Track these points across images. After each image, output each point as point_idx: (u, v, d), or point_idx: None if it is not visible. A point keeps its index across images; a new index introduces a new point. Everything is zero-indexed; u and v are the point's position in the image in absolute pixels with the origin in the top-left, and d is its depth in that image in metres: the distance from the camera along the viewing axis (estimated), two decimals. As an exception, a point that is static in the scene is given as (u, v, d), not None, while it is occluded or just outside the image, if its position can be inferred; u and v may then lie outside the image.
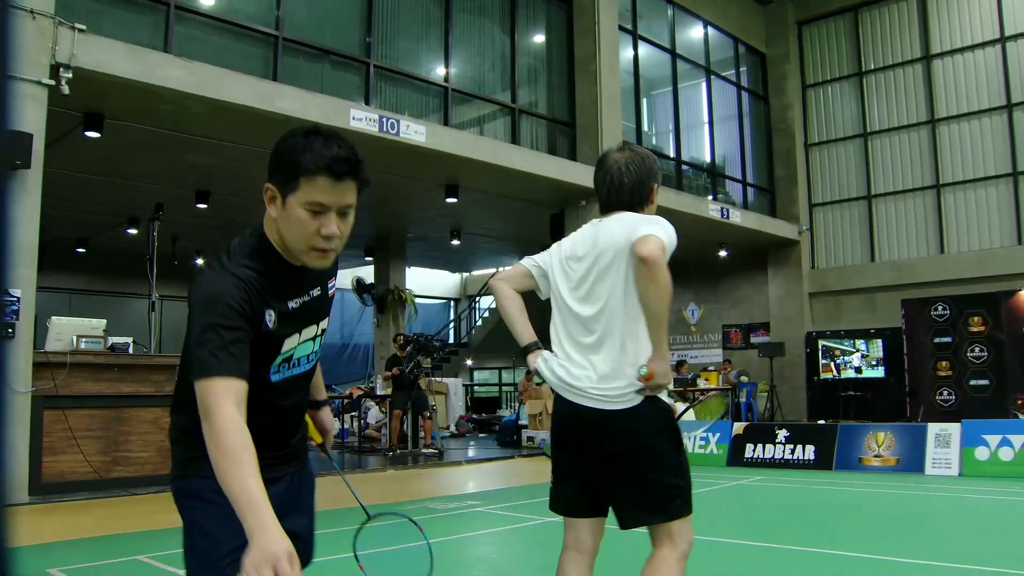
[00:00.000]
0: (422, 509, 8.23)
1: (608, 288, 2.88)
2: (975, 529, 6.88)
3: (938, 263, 19.16)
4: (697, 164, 19.81)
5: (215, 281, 1.95)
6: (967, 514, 7.79)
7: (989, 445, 10.10)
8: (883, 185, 20.35)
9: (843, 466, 11.04)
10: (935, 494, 8.96)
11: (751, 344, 21.32)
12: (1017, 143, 18.48)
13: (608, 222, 2.99)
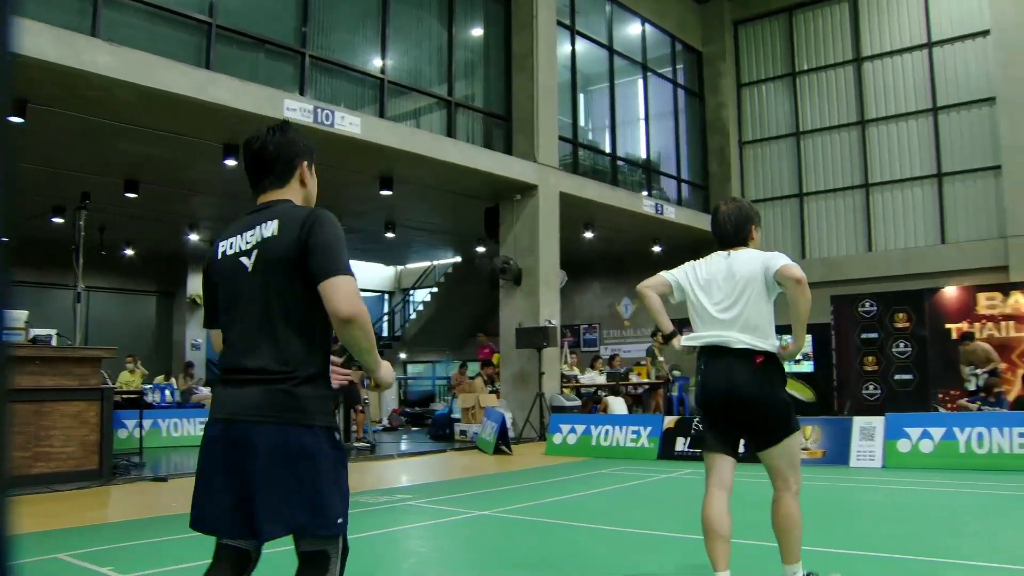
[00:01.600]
0: (353, 503, 8.15)
1: (744, 301, 4.12)
2: (897, 519, 7.09)
3: (866, 261, 19.67)
4: (632, 160, 20.01)
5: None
6: (890, 504, 8.02)
7: (911, 438, 10.40)
8: (814, 183, 20.81)
9: (768, 459, 11.23)
10: (859, 485, 9.20)
11: (679, 337, 21.59)
12: (942, 145, 19.06)
13: (738, 257, 4.23)
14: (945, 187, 19.01)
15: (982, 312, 16.38)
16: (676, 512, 7.77)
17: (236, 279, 2.72)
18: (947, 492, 8.48)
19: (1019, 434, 9.81)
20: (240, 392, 2.60)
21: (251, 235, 2.73)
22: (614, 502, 8.37)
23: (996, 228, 18.14)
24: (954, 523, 6.78)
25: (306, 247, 2.60)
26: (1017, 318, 16.02)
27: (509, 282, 15.66)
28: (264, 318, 2.64)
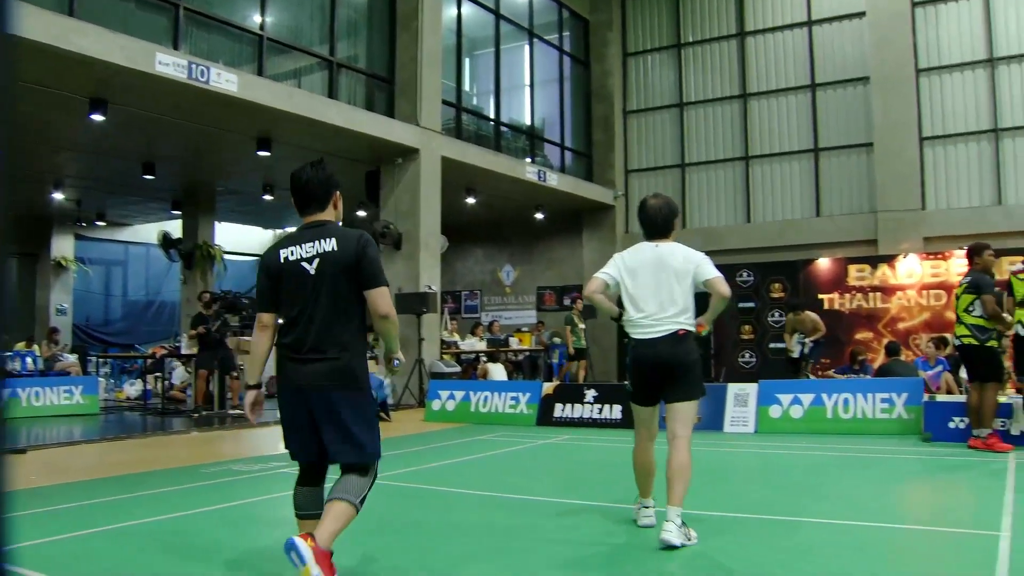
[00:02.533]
0: (225, 471, 8.01)
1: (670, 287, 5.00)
2: (766, 481, 7.39)
3: (744, 231, 20.28)
4: (516, 126, 20.03)
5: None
6: (759, 468, 8.37)
7: (782, 404, 10.82)
8: (696, 154, 21.27)
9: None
10: (733, 450, 9.52)
11: (565, 306, 21.89)
12: (819, 121, 19.75)
13: (666, 248, 5.09)
14: (821, 162, 19.73)
15: (852, 283, 17.18)
16: (551, 476, 7.89)
17: (301, 279, 3.92)
18: (814, 455, 8.86)
19: (881, 400, 10.34)
20: (311, 367, 3.87)
21: (311, 247, 3.93)
22: (491, 468, 8.43)
23: (867, 203, 18.96)
24: (819, 484, 7.09)
25: (360, 261, 3.87)
26: (884, 290, 16.87)
27: (389, 246, 15.51)
28: (326, 312, 3.88)
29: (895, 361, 12.52)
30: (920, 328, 16.35)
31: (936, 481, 7.48)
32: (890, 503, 6.34)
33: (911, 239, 17.80)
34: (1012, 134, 17.88)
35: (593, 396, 12.12)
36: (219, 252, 19.58)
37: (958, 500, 6.65)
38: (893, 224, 18.08)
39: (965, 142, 18.28)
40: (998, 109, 17.94)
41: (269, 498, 6.77)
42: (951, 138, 18.36)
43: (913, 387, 10.36)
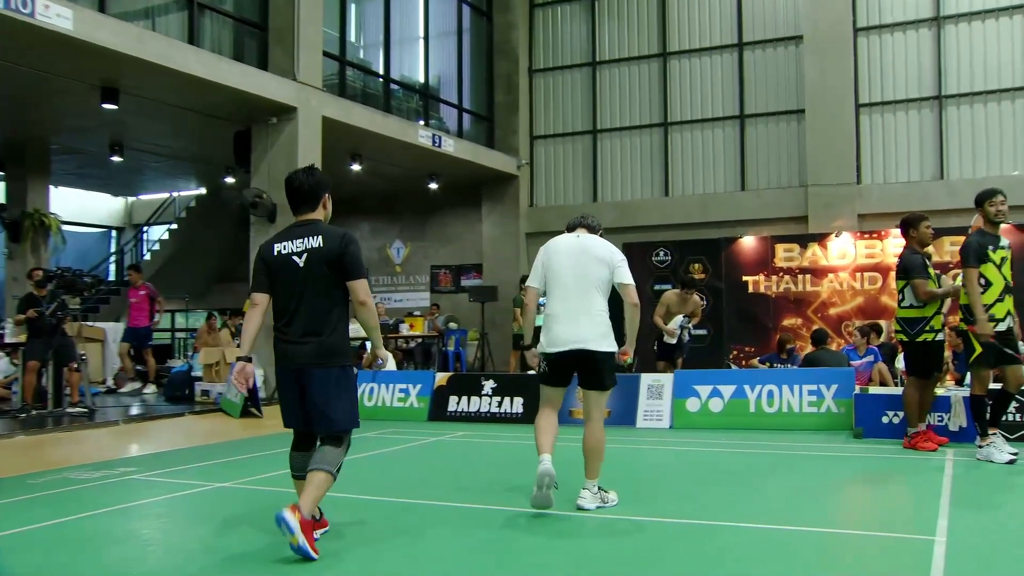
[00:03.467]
0: (60, 480, 7.66)
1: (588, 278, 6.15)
2: (681, 481, 7.44)
3: (662, 206, 20.50)
4: (408, 84, 19.80)
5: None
6: (674, 467, 8.44)
7: (700, 396, 10.97)
8: (610, 120, 21.37)
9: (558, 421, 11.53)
10: (645, 447, 9.60)
11: (462, 287, 21.84)
12: (746, 84, 20.05)
13: (589, 240, 6.27)
14: (747, 130, 20.06)
15: (779, 264, 17.52)
16: (441, 478, 7.79)
17: (291, 272, 5.11)
18: (735, 453, 8.98)
19: (809, 392, 10.58)
20: (300, 348, 5.07)
21: (300, 243, 5.12)
22: (373, 468, 8.30)
23: (797, 176, 19.36)
24: (741, 485, 7.18)
25: (343, 256, 5.07)
26: (814, 271, 17.25)
27: (262, 218, 15.15)
28: (312, 301, 5.08)
29: (824, 350, 12.81)
30: (853, 314, 16.79)
31: (868, 481, 7.64)
32: (818, 505, 6.44)
33: (844, 216, 18.24)
34: (957, 102, 18.42)
35: (492, 388, 12.10)
36: (55, 222, 18.79)
37: (891, 502, 6.82)
38: (825, 199, 18.51)
39: (906, 110, 18.77)
40: (943, 74, 18.45)
41: (114, 510, 6.47)
42: (890, 105, 18.83)
43: (843, 379, 10.61)
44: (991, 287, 7.94)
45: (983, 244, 8.01)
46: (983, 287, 7.93)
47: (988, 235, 8.10)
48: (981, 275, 7.93)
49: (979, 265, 7.93)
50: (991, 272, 7.96)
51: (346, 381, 5.13)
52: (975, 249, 7.99)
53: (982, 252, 7.96)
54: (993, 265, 7.96)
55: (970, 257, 7.98)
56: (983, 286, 7.93)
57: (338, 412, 5.06)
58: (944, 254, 15.62)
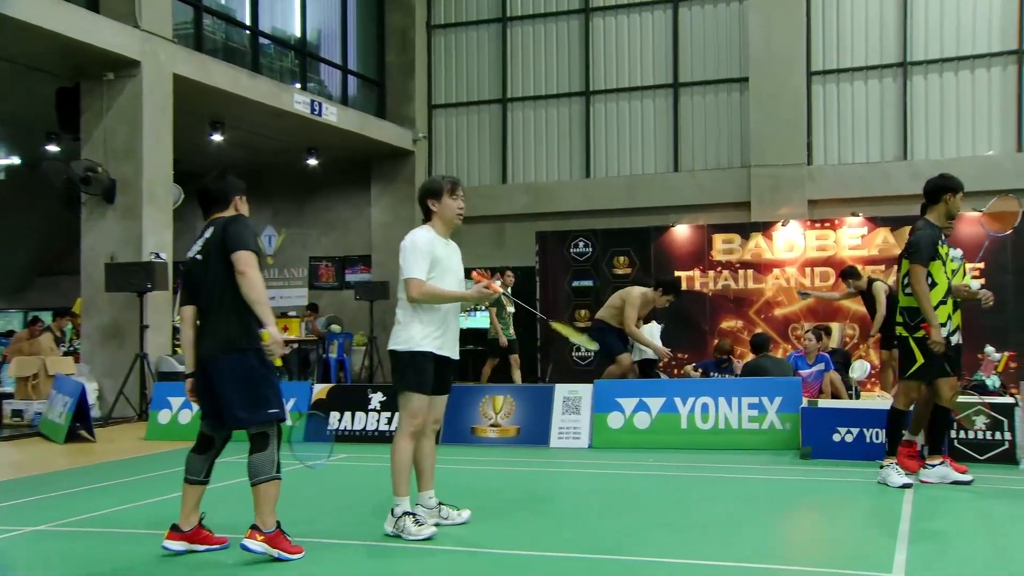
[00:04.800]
0: None
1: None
2: (600, 511, 7.36)
3: (582, 189, 20.47)
4: (281, 39, 19.45)
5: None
6: (593, 493, 8.34)
7: (624, 410, 10.88)
8: (523, 87, 21.28)
9: (452, 438, 11.34)
10: (559, 470, 9.50)
11: (347, 283, 21.53)
12: (680, 47, 20.14)
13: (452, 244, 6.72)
14: (682, 101, 20.14)
15: (717, 258, 17.61)
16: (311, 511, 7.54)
17: (197, 269, 5.88)
18: (666, 476, 8.95)
19: (749, 405, 10.57)
20: (205, 340, 5.79)
21: (201, 240, 5.92)
22: (231, 502, 7.97)
23: (739, 155, 19.51)
24: (672, 514, 7.17)
25: (225, 235, 5.72)
26: (757, 266, 17.36)
27: (96, 196, 14.75)
28: (211, 290, 5.76)
29: (766, 357, 12.86)
30: (802, 315, 16.93)
31: (816, 509, 7.67)
32: (757, 537, 6.41)
33: (793, 202, 18.43)
34: (924, 69, 18.76)
35: (380, 401, 11.91)
36: None
37: (842, 533, 6.82)
38: (771, 183, 18.68)
39: (865, 79, 19.07)
40: (909, 37, 18.77)
41: None
42: (848, 73, 19.13)
43: (789, 390, 10.61)
44: (935, 287, 7.94)
45: (934, 239, 7.98)
46: (928, 288, 7.92)
47: (937, 228, 8.08)
48: (928, 274, 7.92)
49: (930, 263, 7.91)
50: (939, 271, 7.96)
51: (247, 369, 5.67)
52: (928, 244, 7.95)
53: (935, 248, 7.94)
54: (940, 263, 7.96)
55: (922, 252, 7.94)
56: (928, 286, 7.91)
57: (242, 405, 5.67)
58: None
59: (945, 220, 8.13)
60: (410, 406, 6.34)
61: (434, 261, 6.37)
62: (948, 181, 8.18)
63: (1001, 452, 9.19)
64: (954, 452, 9.21)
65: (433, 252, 6.39)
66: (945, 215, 8.11)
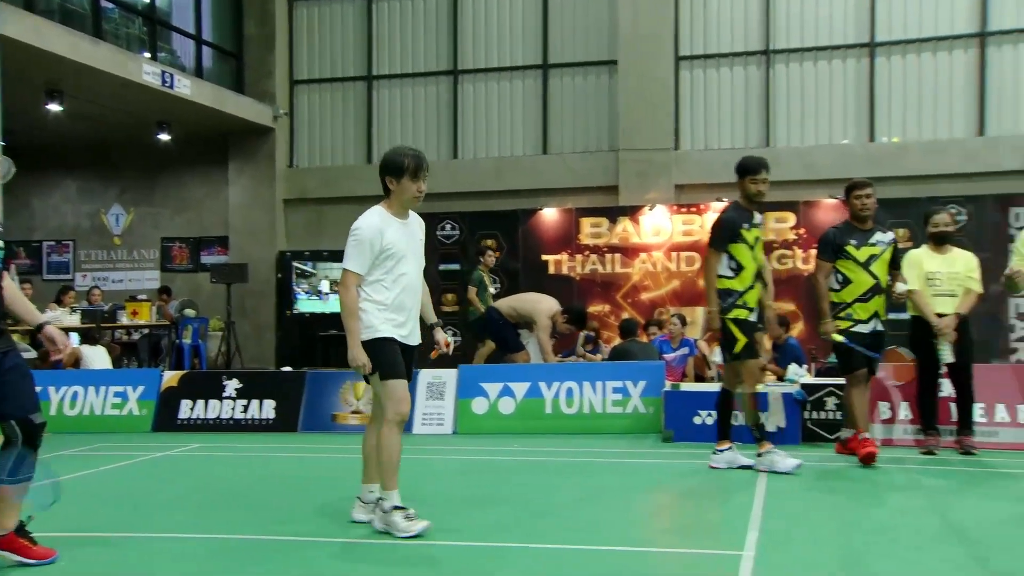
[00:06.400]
0: None
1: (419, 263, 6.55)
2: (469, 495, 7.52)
3: (450, 170, 20.48)
4: (127, 3, 18.94)
5: None
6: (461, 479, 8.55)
7: (488, 396, 11.11)
8: (389, 64, 21.20)
9: (312, 426, 11.49)
10: (425, 456, 9.61)
11: (202, 265, 21.20)
12: (550, 28, 20.30)
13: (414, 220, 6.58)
14: (551, 82, 20.33)
15: (585, 242, 17.89)
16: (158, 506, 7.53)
17: None
18: (529, 461, 9.16)
19: (614, 390, 10.90)
20: None
21: None
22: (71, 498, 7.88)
23: (607, 139, 19.81)
24: (535, 499, 7.34)
25: None
26: (624, 250, 17.71)
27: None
28: None
29: (632, 342, 13.18)
30: (668, 299, 17.33)
31: (676, 491, 7.96)
32: (621, 521, 6.64)
33: (660, 187, 18.77)
34: (786, 58, 19.28)
35: (236, 388, 11.89)
36: None
37: (699, 514, 7.13)
38: (638, 167, 19.00)
39: (731, 65, 19.50)
40: (772, 25, 19.23)
41: None
42: (714, 59, 19.55)
43: (652, 374, 10.95)
44: (743, 271, 8.23)
45: (737, 222, 8.29)
46: (733, 271, 8.24)
47: (743, 211, 8.40)
48: (731, 258, 8.23)
49: (725, 246, 8.22)
50: (743, 254, 8.23)
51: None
52: (725, 227, 8.29)
53: (734, 231, 8.24)
54: (745, 246, 8.24)
55: (716, 236, 8.32)
56: (733, 270, 8.24)
57: None
58: (768, 232, 16.38)
59: (749, 202, 8.41)
60: (391, 394, 6.09)
61: (383, 250, 6.13)
62: (744, 163, 8.54)
63: None
64: (807, 432, 9.87)
65: (381, 240, 6.12)
66: (749, 197, 8.39)
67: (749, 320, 8.24)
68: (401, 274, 6.21)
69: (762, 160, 8.58)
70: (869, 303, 8.50)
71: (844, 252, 8.50)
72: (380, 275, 6.17)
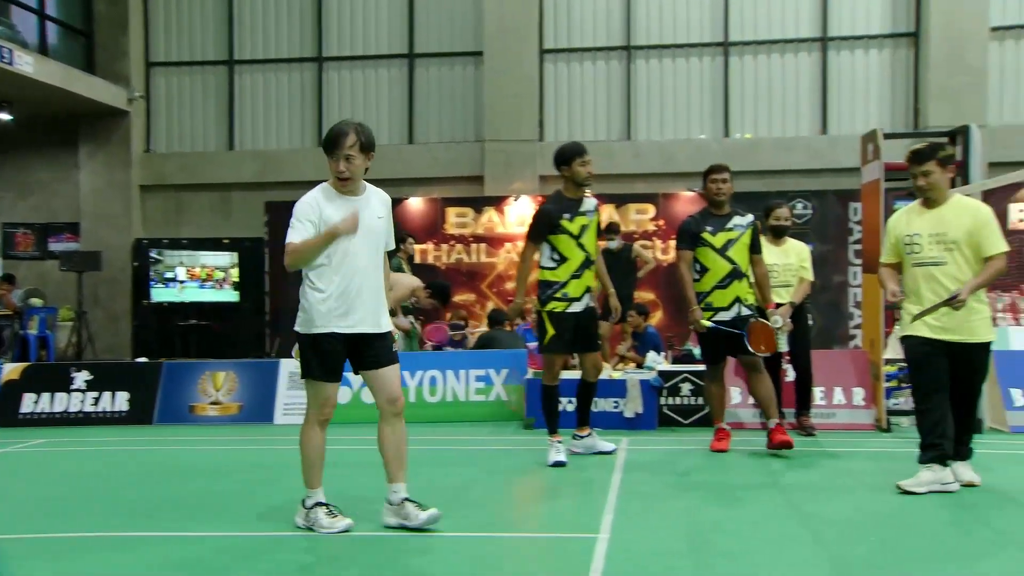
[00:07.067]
0: None
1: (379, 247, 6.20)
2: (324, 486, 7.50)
3: (315, 158, 20.08)
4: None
5: None
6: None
7: (351, 384, 10.90)
8: (251, 48, 20.91)
9: (168, 418, 11.35)
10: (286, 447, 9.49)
11: (50, 252, 20.62)
12: (416, 16, 20.27)
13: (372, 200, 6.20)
14: (417, 72, 20.37)
15: (451, 231, 18.05)
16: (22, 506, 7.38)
17: None
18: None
19: (477, 378, 11.09)
20: None
21: None
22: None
23: (473, 129, 19.92)
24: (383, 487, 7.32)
25: None
26: (490, 240, 17.91)
27: None
28: None
29: (498, 331, 13.30)
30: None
31: (537, 477, 8.08)
32: (482, 507, 6.78)
33: (525, 177, 18.97)
34: (646, 54, 19.70)
35: (86, 380, 11.68)
36: None
37: (558, 499, 7.28)
38: (504, 157, 19.15)
39: (593, 59, 19.82)
40: (633, 21, 19.63)
41: None
42: (577, 53, 19.83)
43: (514, 362, 11.12)
44: (566, 262, 8.19)
45: (555, 213, 8.18)
46: (555, 262, 8.23)
47: (566, 201, 8.29)
48: (554, 249, 8.21)
49: (542, 239, 8.23)
50: (565, 244, 8.16)
51: None
52: (539, 220, 8.27)
53: (550, 223, 8.17)
54: (567, 236, 8.13)
55: (532, 229, 8.33)
56: (555, 261, 8.22)
57: None
58: (629, 223, 16.91)
59: (575, 190, 8.27)
60: (312, 394, 6.07)
61: (322, 225, 5.80)
62: (569, 148, 8.40)
63: (703, 415, 10.20)
64: (663, 418, 10.26)
65: (319, 215, 5.84)
66: (578, 183, 8.25)
67: (566, 313, 8.22)
68: (348, 257, 5.85)
69: (582, 145, 8.50)
70: (728, 289, 8.57)
71: (701, 239, 8.58)
72: (322, 258, 5.84)
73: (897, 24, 19.16)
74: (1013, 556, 5.39)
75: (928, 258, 6.75)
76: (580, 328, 8.32)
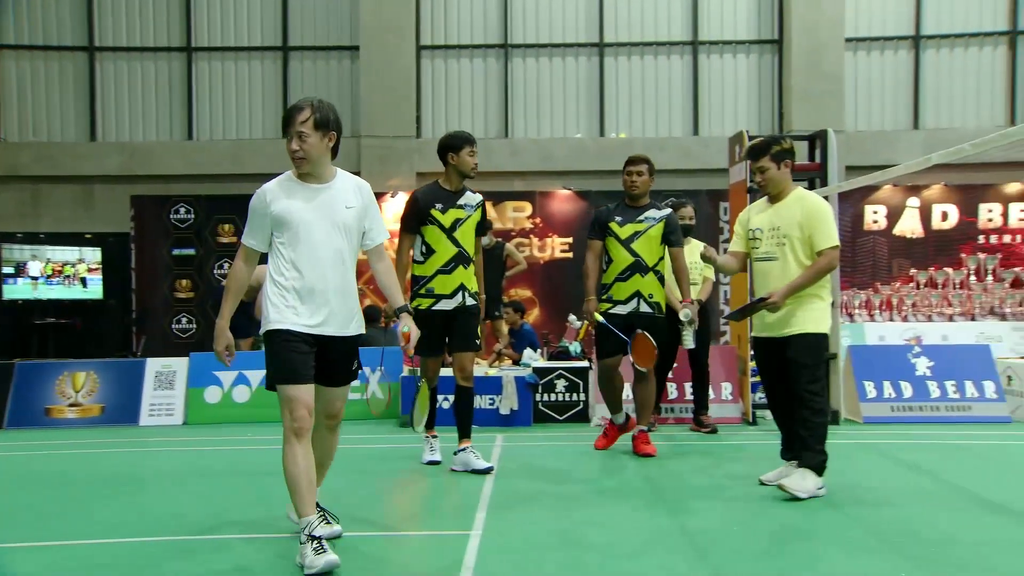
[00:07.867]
0: None
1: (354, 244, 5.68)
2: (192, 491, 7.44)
3: (184, 151, 19.99)
4: None
5: None
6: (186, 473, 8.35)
7: (222, 384, 11.02)
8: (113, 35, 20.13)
9: (23, 421, 11.10)
10: (150, 450, 9.47)
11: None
12: (290, 9, 20.05)
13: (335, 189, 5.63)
14: (291, 65, 20.16)
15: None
16: None
17: None
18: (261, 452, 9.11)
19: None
20: None
21: None
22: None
23: (349, 124, 19.69)
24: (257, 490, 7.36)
25: None
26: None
27: None
28: None
29: (375, 328, 13.22)
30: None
31: (413, 475, 8.11)
32: (356, 507, 6.75)
33: (402, 173, 18.95)
34: (523, 52, 19.89)
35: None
36: None
37: (432, 497, 7.38)
38: (380, 153, 19.09)
39: (471, 57, 19.93)
40: (510, 20, 19.81)
41: None
42: (455, 50, 19.92)
43: (390, 360, 11.08)
44: (433, 255, 7.90)
45: (426, 203, 7.90)
46: (423, 255, 7.93)
47: (442, 191, 8.00)
48: (423, 242, 7.91)
49: (415, 229, 7.93)
50: (434, 237, 7.88)
51: None
52: (411, 214, 7.96)
53: (424, 215, 7.90)
54: (438, 228, 7.86)
55: (404, 220, 8.03)
56: (424, 254, 7.93)
57: None
58: (507, 221, 17.05)
59: (457, 181, 7.97)
60: (282, 400, 5.34)
61: (277, 219, 5.40)
62: (456, 136, 8.02)
63: (577, 412, 10.66)
64: (538, 414, 10.55)
65: (269, 207, 5.39)
66: (462, 174, 7.95)
67: (432, 311, 7.87)
68: (309, 249, 5.36)
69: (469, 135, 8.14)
70: (627, 283, 8.50)
71: (609, 229, 8.56)
72: (282, 250, 5.39)
73: (763, 31, 19.80)
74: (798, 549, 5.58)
75: (763, 253, 6.98)
76: (453, 327, 8.00)
